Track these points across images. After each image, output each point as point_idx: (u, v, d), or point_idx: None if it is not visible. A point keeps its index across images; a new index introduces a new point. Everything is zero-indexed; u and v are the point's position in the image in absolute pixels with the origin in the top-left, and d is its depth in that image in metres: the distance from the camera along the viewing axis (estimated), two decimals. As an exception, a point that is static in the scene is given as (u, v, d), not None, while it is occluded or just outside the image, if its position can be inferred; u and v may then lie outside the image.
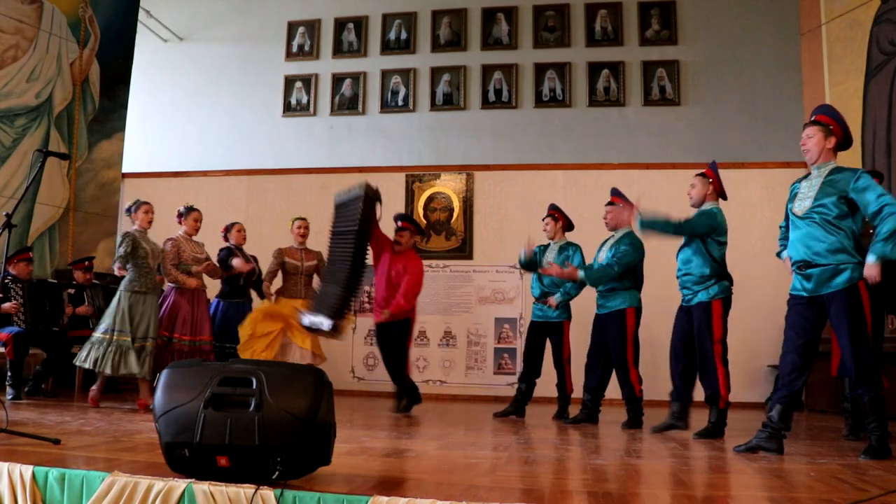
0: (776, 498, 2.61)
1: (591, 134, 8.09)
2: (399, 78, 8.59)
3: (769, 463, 3.40)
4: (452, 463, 3.16)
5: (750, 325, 7.13)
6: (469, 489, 2.47)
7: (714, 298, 4.39)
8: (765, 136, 7.68)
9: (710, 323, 4.37)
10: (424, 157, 8.33)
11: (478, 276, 7.66)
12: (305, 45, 8.86)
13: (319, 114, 8.71)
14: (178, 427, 2.37)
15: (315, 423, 2.38)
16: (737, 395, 6.93)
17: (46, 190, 7.37)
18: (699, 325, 4.41)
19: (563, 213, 5.78)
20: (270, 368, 2.47)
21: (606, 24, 8.27)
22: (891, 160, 6.27)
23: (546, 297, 5.51)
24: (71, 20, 7.71)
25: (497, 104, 8.35)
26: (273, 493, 2.26)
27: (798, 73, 7.45)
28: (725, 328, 4.42)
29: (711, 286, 4.41)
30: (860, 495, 2.48)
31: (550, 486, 2.71)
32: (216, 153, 8.71)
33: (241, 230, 6.29)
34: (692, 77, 8.02)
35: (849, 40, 6.77)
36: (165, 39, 9.11)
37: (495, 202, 7.79)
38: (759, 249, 7.24)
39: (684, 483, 2.83)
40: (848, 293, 3.56)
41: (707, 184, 4.58)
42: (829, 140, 3.68)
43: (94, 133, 8.01)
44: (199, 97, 8.97)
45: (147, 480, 2.36)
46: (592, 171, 7.63)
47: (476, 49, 8.50)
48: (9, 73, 7.09)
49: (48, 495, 2.46)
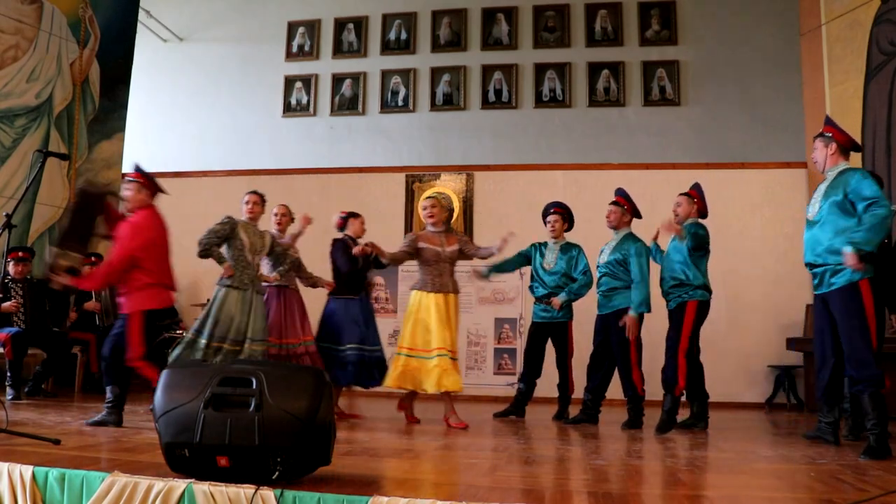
0: (776, 498, 2.61)
1: (591, 134, 8.09)
2: (399, 78, 8.59)
3: (769, 463, 3.40)
4: (452, 463, 3.16)
5: (750, 325, 7.14)
6: (469, 489, 2.47)
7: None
8: (765, 136, 7.68)
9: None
10: (424, 157, 8.34)
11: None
12: (305, 46, 8.86)
13: (319, 114, 8.71)
14: (178, 427, 2.37)
15: (315, 424, 2.38)
16: (737, 395, 6.98)
17: (46, 190, 7.37)
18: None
19: (570, 212, 5.65)
20: (270, 369, 2.47)
21: (606, 24, 8.27)
22: (891, 160, 6.27)
23: (549, 297, 5.44)
24: (71, 20, 7.71)
25: (497, 104, 8.35)
26: (273, 493, 2.26)
27: (798, 73, 7.45)
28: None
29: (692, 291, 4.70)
30: (860, 495, 2.48)
31: (550, 486, 2.71)
32: (216, 153, 8.71)
33: (363, 222, 5.48)
34: (692, 77, 8.02)
35: (849, 40, 6.77)
36: (165, 39, 9.10)
37: (495, 202, 7.79)
38: (758, 249, 7.25)
39: (684, 483, 2.83)
40: (845, 291, 3.66)
41: (692, 203, 4.91)
42: (830, 146, 3.84)
43: (94, 133, 8.01)
44: (199, 97, 8.97)
45: (147, 480, 2.36)
46: (592, 172, 7.64)
47: (476, 49, 8.50)
48: (9, 74, 7.10)
49: (48, 495, 2.46)
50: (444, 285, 4.82)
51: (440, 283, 4.81)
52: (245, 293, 4.66)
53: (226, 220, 4.76)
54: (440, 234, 4.96)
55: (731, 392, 6.90)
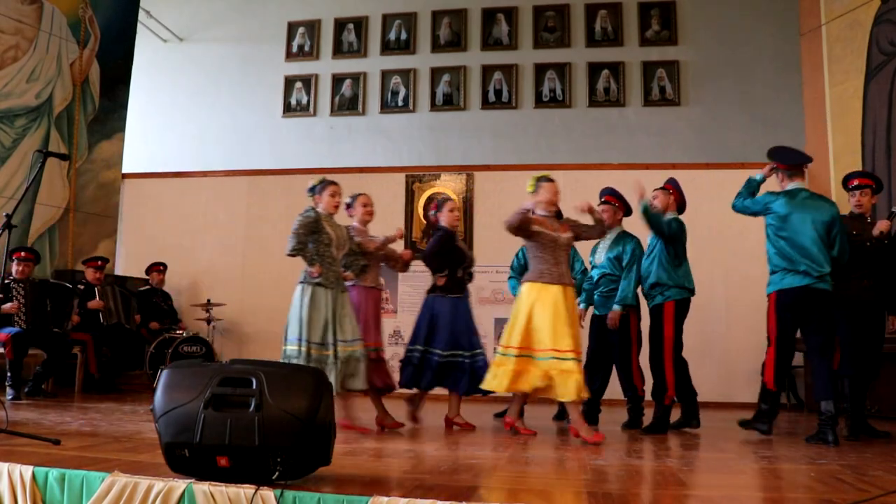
0: (776, 498, 2.61)
1: (591, 134, 8.09)
2: (399, 78, 8.59)
3: (769, 463, 3.40)
4: (452, 463, 3.16)
5: (750, 325, 7.12)
6: (469, 489, 2.47)
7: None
8: (765, 136, 7.65)
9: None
10: (424, 157, 8.34)
11: (478, 276, 7.57)
12: (305, 46, 8.86)
13: (319, 114, 8.71)
14: (178, 427, 2.37)
15: (315, 424, 2.38)
16: (738, 395, 6.98)
17: (46, 190, 7.37)
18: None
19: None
20: (270, 369, 2.47)
21: (606, 24, 8.27)
22: (891, 161, 6.27)
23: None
24: (71, 20, 7.72)
25: (497, 104, 8.35)
26: (273, 493, 2.26)
27: (798, 73, 7.45)
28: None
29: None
30: (860, 495, 2.48)
31: (550, 487, 2.71)
32: (216, 153, 8.72)
33: (454, 209, 5.06)
34: (692, 77, 8.02)
35: (849, 40, 6.77)
36: (165, 40, 9.11)
37: (495, 202, 7.78)
38: (758, 249, 7.23)
39: (684, 483, 2.83)
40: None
41: (668, 195, 4.90)
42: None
43: (94, 133, 8.01)
44: (199, 97, 8.98)
45: (147, 480, 2.36)
46: (592, 172, 7.63)
47: (476, 49, 8.50)
48: (9, 74, 7.10)
49: (48, 495, 2.46)
50: (562, 275, 4.24)
51: (558, 274, 4.22)
52: (333, 292, 4.23)
53: (311, 211, 4.27)
54: (551, 219, 4.35)
55: (732, 392, 6.89)
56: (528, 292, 4.20)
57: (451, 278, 4.82)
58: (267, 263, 7.94)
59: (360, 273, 4.64)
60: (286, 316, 4.32)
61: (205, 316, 7.44)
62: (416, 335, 4.81)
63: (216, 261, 8.08)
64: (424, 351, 4.74)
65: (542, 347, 4.09)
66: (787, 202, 4.29)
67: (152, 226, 8.31)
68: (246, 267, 8.04)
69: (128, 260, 8.23)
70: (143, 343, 7.11)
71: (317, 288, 4.18)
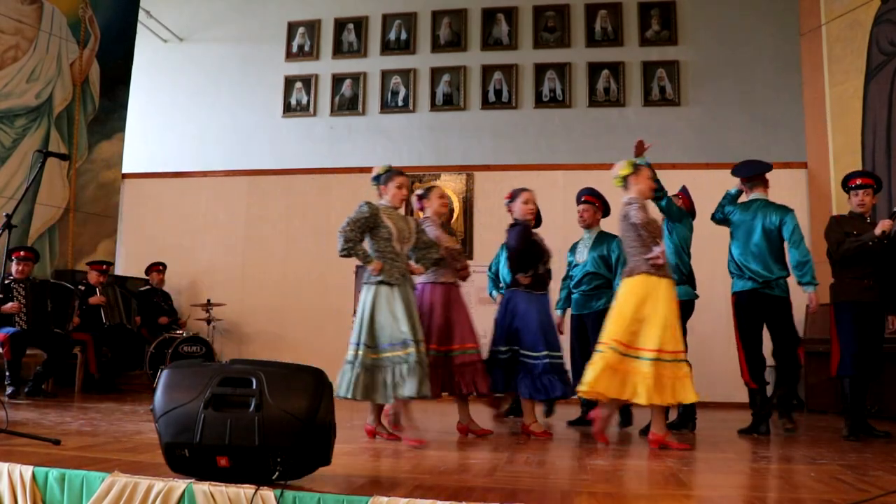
0: (776, 498, 2.61)
1: (591, 134, 8.09)
2: (399, 78, 8.59)
3: (769, 463, 3.40)
4: (452, 463, 3.16)
5: (750, 325, 7.12)
6: (469, 489, 2.47)
7: None
8: (765, 136, 7.68)
9: None
10: (424, 157, 8.34)
11: (478, 276, 7.61)
12: (305, 46, 8.86)
13: (319, 114, 8.71)
14: (178, 427, 2.37)
15: (315, 424, 2.38)
16: (737, 395, 6.96)
17: (46, 190, 7.38)
18: None
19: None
20: (270, 369, 2.47)
21: (606, 24, 8.27)
22: (891, 161, 6.26)
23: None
24: (71, 20, 7.72)
25: (497, 104, 8.35)
26: (273, 493, 2.26)
27: (798, 73, 7.46)
28: None
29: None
30: (860, 495, 2.48)
31: (550, 487, 2.71)
32: (216, 153, 8.72)
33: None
34: (692, 77, 8.02)
35: (849, 40, 6.77)
36: (165, 40, 9.11)
37: (495, 202, 7.76)
38: (759, 249, 7.23)
39: (684, 483, 2.83)
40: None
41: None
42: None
43: (94, 133, 8.01)
44: (199, 97, 8.98)
45: (147, 480, 2.36)
46: (592, 172, 7.61)
47: (476, 49, 8.50)
48: (9, 74, 7.10)
49: (48, 495, 2.46)
50: (667, 268, 3.94)
51: (665, 266, 3.90)
52: (398, 289, 3.88)
53: (364, 206, 3.91)
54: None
55: (732, 392, 6.88)
56: (637, 284, 3.87)
57: (533, 275, 4.49)
58: (267, 263, 7.95)
59: (433, 266, 4.24)
60: (286, 316, 4.30)
61: (205, 316, 7.44)
62: (499, 335, 4.52)
63: (216, 261, 8.09)
64: (510, 351, 4.44)
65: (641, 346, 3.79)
66: (741, 213, 4.63)
67: (152, 226, 8.32)
68: (246, 267, 8.05)
69: (128, 260, 8.23)
70: (143, 343, 7.11)
71: (380, 287, 3.87)
